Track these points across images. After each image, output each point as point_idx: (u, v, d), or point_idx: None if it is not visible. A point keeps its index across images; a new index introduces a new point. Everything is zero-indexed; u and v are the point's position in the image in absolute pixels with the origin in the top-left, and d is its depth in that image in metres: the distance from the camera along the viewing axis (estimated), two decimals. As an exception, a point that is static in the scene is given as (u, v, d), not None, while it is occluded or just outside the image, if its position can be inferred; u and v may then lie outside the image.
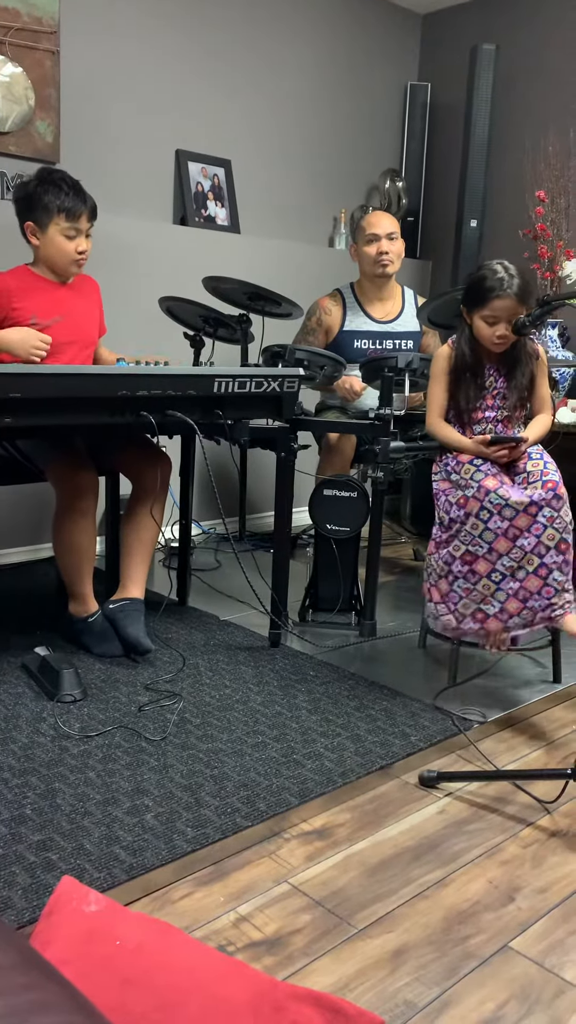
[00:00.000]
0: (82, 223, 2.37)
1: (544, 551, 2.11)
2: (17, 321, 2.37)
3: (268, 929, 1.40)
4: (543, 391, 2.32)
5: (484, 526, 2.11)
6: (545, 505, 2.10)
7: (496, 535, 2.10)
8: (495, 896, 1.50)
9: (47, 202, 2.33)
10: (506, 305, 2.15)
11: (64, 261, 2.41)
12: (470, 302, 2.22)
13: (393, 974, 1.31)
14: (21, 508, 3.32)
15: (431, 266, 4.61)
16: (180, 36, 3.60)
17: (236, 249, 3.77)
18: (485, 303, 2.16)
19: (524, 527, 2.10)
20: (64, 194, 2.33)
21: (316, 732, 2.00)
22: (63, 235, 2.36)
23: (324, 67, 4.16)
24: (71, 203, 2.33)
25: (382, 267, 3.17)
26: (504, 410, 2.28)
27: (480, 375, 2.28)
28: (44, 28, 3.16)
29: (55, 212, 2.33)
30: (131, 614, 2.38)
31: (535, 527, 2.11)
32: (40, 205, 2.33)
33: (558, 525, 2.10)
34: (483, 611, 2.14)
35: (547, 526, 2.10)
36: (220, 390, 2.23)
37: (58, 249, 2.39)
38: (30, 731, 1.95)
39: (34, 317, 2.39)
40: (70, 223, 2.35)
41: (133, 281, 3.44)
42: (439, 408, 2.33)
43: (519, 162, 4.13)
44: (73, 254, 2.40)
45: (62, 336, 2.43)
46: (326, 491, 2.64)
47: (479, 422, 2.30)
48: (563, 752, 2.04)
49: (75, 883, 1.37)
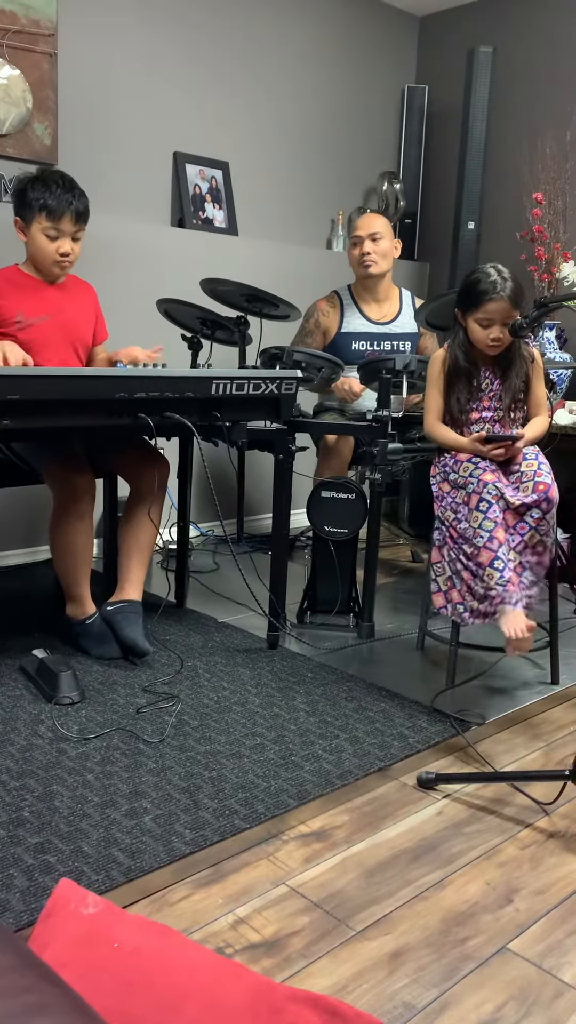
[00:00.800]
0: (64, 224, 2.35)
1: (522, 548, 2.15)
2: (3, 318, 2.37)
3: (266, 931, 1.40)
4: (539, 393, 2.34)
5: (484, 516, 2.12)
6: (535, 506, 2.12)
7: (495, 524, 2.11)
8: (493, 898, 1.51)
9: (32, 199, 2.33)
10: (500, 308, 2.18)
11: (46, 261, 2.41)
12: (464, 305, 2.25)
13: (391, 976, 1.31)
14: (18, 510, 3.31)
15: (429, 268, 4.62)
16: (177, 39, 3.61)
17: (234, 251, 3.78)
18: (479, 306, 2.19)
19: (511, 524, 2.14)
20: (50, 193, 2.31)
21: (314, 734, 2.00)
22: (44, 234, 2.36)
23: (322, 69, 4.17)
24: (54, 202, 2.32)
25: (365, 268, 3.18)
26: (500, 411, 2.30)
27: (475, 377, 2.30)
28: (42, 30, 3.16)
29: (37, 210, 2.33)
30: (129, 616, 2.38)
31: (520, 526, 2.14)
32: (26, 201, 2.34)
33: (542, 528, 2.13)
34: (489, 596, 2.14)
35: (532, 528, 2.13)
36: (218, 392, 2.23)
37: (39, 248, 2.39)
38: (28, 733, 1.94)
39: (20, 315, 2.39)
40: (51, 222, 2.34)
41: (131, 283, 3.44)
42: (436, 411, 2.36)
43: (516, 164, 4.13)
44: (54, 255, 2.39)
45: (48, 335, 2.44)
46: (324, 493, 2.64)
47: (475, 423, 2.31)
48: (561, 753, 2.04)
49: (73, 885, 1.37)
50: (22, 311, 2.39)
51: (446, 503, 2.24)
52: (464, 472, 2.19)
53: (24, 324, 2.39)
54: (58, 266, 2.42)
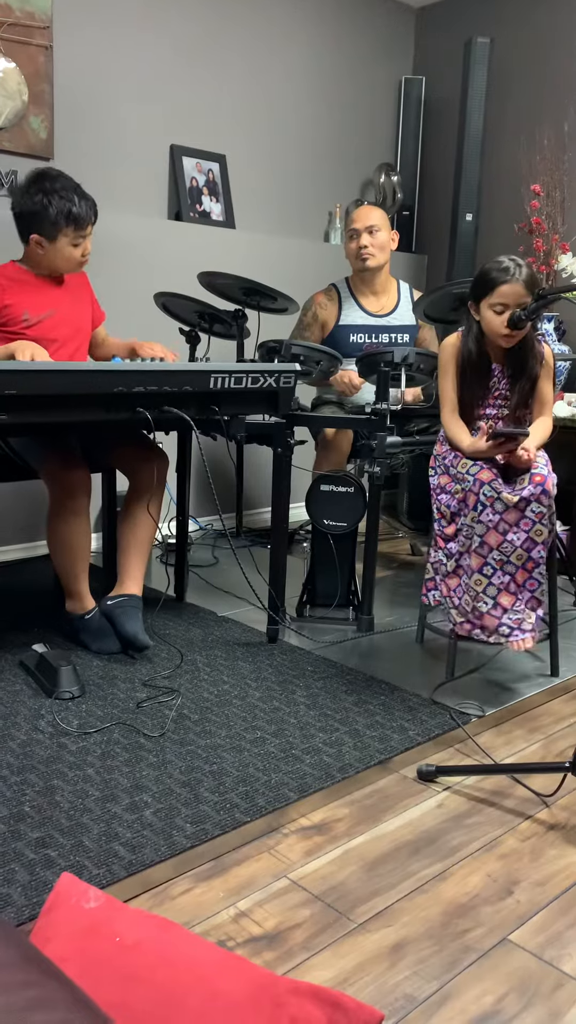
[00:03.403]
0: (88, 229, 2.37)
1: (531, 545, 2.12)
2: (9, 317, 2.37)
3: (268, 924, 1.40)
4: (545, 393, 2.29)
5: (476, 518, 2.11)
6: (534, 500, 2.11)
7: (487, 528, 2.11)
8: (494, 889, 1.51)
9: (54, 215, 2.29)
10: (515, 291, 2.12)
11: (70, 267, 2.43)
12: (477, 293, 2.19)
13: (392, 968, 1.31)
14: (17, 505, 3.31)
15: (426, 260, 4.61)
16: (173, 31, 3.59)
17: (231, 244, 3.76)
18: (493, 289, 2.14)
19: (513, 522, 2.12)
20: (70, 203, 2.29)
21: (314, 727, 2.00)
22: (71, 244, 2.36)
23: (318, 61, 4.15)
24: (79, 211, 2.30)
25: (362, 261, 3.17)
26: (505, 410, 2.27)
27: (485, 375, 2.26)
28: (37, 23, 3.14)
29: (63, 224, 2.31)
30: (128, 611, 2.38)
31: (524, 522, 2.11)
32: (47, 218, 2.29)
33: (545, 522, 2.12)
34: (478, 608, 2.15)
35: (535, 522, 2.11)
36: (216, 386, 2.22)
37: (65, 258, 2.38)
38: (28, 728, 1.95)
39: (26, 313, 2.38)
40: (78, 232, 2.34)
41: (128, 277, 3.43)
42: (452, 404, 2.29)
43: (514, 156, 4.12)
44: (79, 258, 2.41)
45: (54, 331, 2.44)
46: (323, 486, 2.64)
47: (479, 420, 2.29)
48: (561, 745, 2.05)
49: (74, 880, 1.37)
50: (27, 309, 2.38)
51: (447, 496, 2.23)
52: (463, 468, 2.19)
53: (32, 321, 2.38)
54: (80, 267, 2.44)
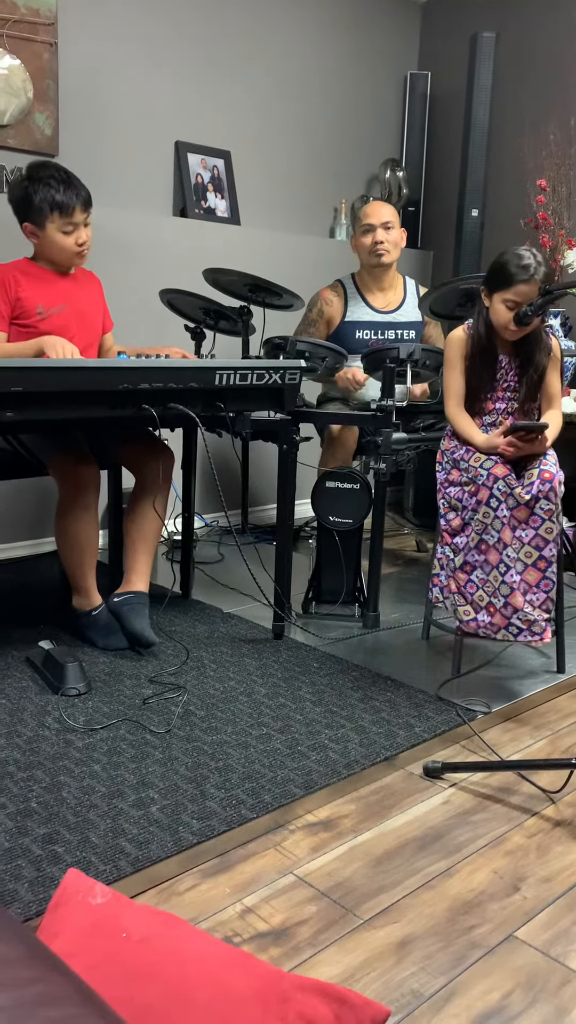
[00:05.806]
0: (76, 216, 2.35)
1: (542, 544, 2.11)
2: (23, 310, 2.38)
3: (274, 920, 1.40)
4: (554, 386, 2.28)
5: (494, 514, 2.11)
6: (542, 497, 2.10)
7: (503, 524, 2.10)
8: (500, 886, 1.51)
9: (39, 201, 2.30)
10: (530, 291, 2.12)
11: (65, 256, 2.41)
12: (494, 283, 2.17)
13: (399, 964, 1.31)
14: (24, 502, 3.32)
15: (432, 256, 4.60)
16: (178, 27, 3.59)
17: (236, 241, 3.76)
18: (510, 286, 2.13)
19: (522, 519, 2.11)
20: (54, 190, 2.30)
21: (320, 724, 2.00)
22: (60, 231, 2.35)
23: (323, 57, 4.14)
24: (63, 198, 2.30)
25: (377, 257, 3.16)
26: (514, 402, 2.27)
27: (492, 364, 2.25)
28: (42, 20, 3.14)
29: (48, 210, 2.31)
30: (135, 607, 2.39)
31: (533, 519, 2.11)
32: (33, 205, 2.31)
33: (555, 519, 2.11)
34: (493, 604, 2.14)
35: (544, 519, 2.10)
36: (221, 383, 2.22)
37: (58, 246, 2.38)
38: (35, 725, 1.95)
39: (40, 307, 2.39)
40: (65, 219, 2.33)
41: (133, 274, 3.43)
42: (457, 395, 2.29)
43: (520, 151, 4.10)
44: (74, 247, 2.39)
45: (68, 324, 2.44)
46: (328, 483, 2.63)
47: (488, 413, 2.29)
48: (567, 742, 2.05)
49: (81, 876, 1.37)
50: (41, 302, 2.39)
51: (456, 490, 2.22)
52: (475, 463, 2.17)
53: (46, 315, 2.39)
54: (78, 257, 2.43)
